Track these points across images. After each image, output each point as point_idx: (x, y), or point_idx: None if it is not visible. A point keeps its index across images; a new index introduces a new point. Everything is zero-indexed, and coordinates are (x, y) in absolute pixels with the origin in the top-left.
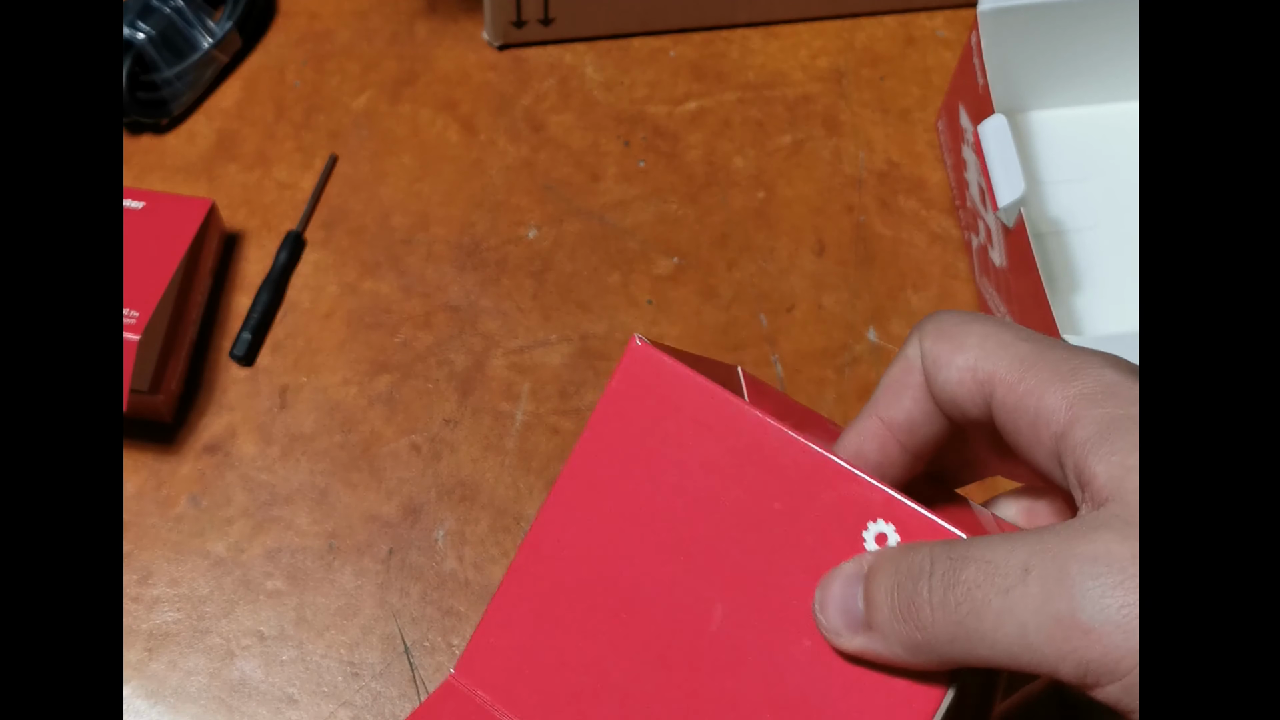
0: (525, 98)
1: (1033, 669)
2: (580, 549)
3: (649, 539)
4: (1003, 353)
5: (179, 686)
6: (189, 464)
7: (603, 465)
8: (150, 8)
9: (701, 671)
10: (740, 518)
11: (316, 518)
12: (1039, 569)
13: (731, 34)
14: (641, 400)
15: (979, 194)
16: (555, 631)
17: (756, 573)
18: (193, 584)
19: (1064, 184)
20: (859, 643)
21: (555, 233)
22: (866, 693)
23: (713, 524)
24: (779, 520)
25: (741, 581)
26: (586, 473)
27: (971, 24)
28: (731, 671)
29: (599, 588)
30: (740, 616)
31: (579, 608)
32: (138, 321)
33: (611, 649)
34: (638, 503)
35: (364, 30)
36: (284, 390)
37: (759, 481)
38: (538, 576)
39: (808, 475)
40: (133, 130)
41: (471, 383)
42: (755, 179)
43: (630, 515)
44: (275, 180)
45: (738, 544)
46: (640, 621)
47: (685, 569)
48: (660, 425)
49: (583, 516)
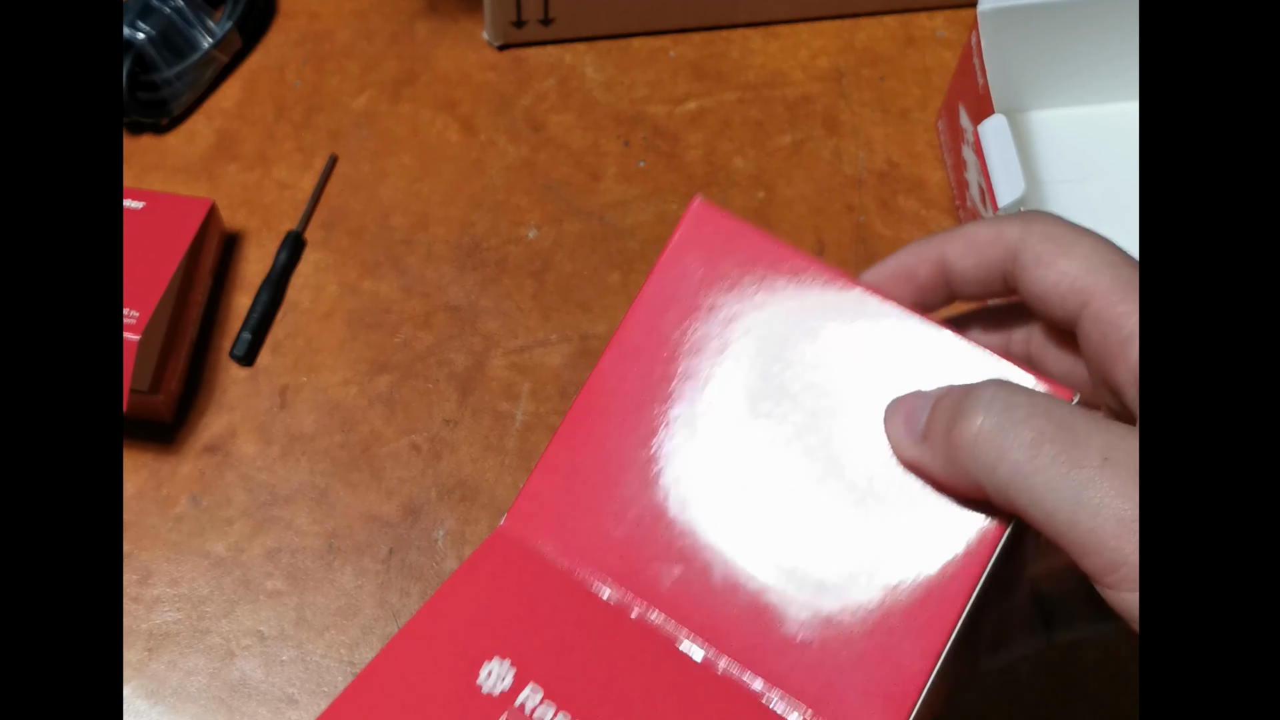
0: (525, 98)
1: (1065, 544)
2: (634, 400)
3: (709, 390)
4: (1107, 271)
5: (179, 686)
6: (189, 464)
7: (660, 317)
8: (150, 8)
9: (763, 504)
10: (811, 369)
11: (316, 518)
12: (1116, 463)
13: (731, 34)
14: (701, 255)
15: (979, 194)
16: (606, 481)
17: (825, 413)
18: (193, 584)
19: (1064, 184)
20: (916, 452)
21: (555, 233)
22: (939, 516)
23: (778, 371)
24: (853, 372)
25: (811, 423)
26: (644, 325)
27: (971, 24)
28: (796, 497)
29: (650, 438)
30: (806, 447)
31: (630, 458)
32: (138, 321)
33: (663, 496)
34: (697, 355)
35: (364, 30)
36: (284, 390)
37: (833, 338)
38: (589, 429)
39: (884, 331)
40: (133, 130)
41: (471, 383)
42: (755, 179)
43: (687, 368)
44: (275, 180)
45: (809, 389)
46: (694, 470)
47: (752, 412)
48: (720, 279)
49: (637, 369)
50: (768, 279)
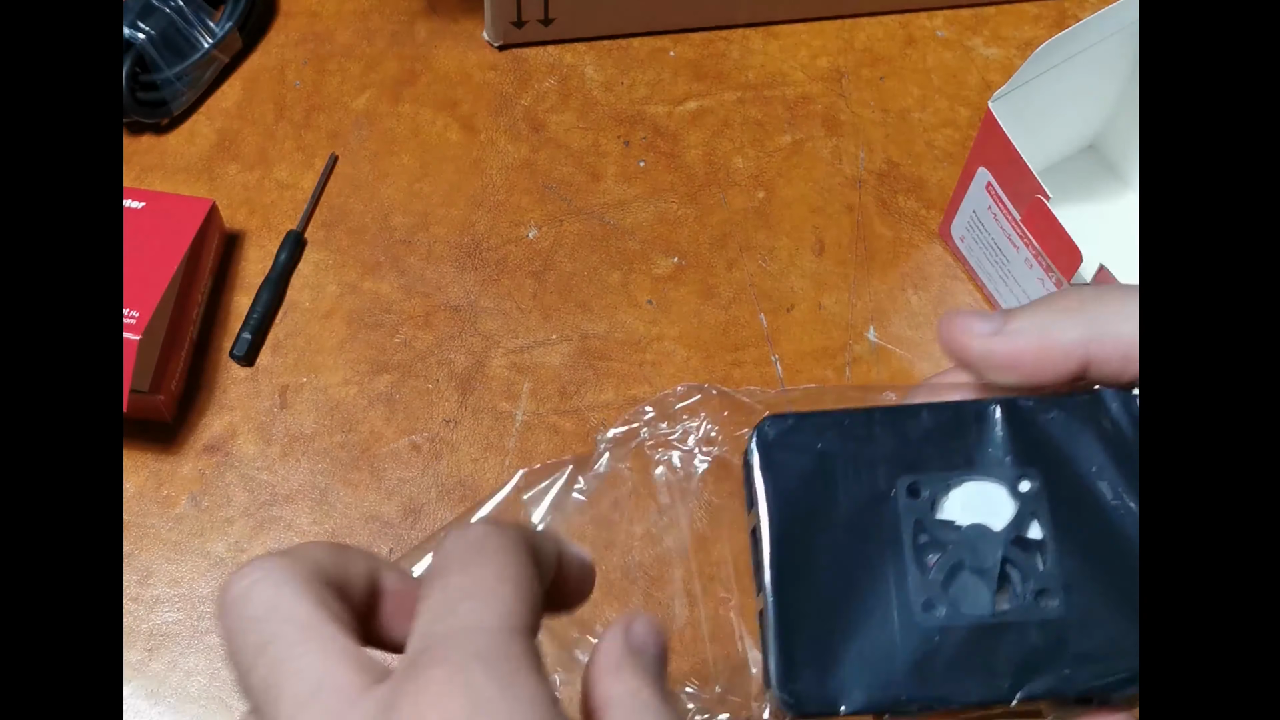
0: (525, 98)
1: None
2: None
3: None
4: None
5: (179, 686)
6: (189, 464)
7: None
8: (150, 8)
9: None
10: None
11: (317, 518)
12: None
13: (731, 34)
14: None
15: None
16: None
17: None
18: (193, 584)
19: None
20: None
21: (555, 233)
22: None
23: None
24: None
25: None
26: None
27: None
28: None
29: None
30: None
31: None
32: (138, 321)
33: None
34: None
35: (364, 30)
36: (284, 390)
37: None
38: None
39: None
40: (133, 130)
41: (471, 383)
42: (755, 179)
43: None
44: (275, 180)
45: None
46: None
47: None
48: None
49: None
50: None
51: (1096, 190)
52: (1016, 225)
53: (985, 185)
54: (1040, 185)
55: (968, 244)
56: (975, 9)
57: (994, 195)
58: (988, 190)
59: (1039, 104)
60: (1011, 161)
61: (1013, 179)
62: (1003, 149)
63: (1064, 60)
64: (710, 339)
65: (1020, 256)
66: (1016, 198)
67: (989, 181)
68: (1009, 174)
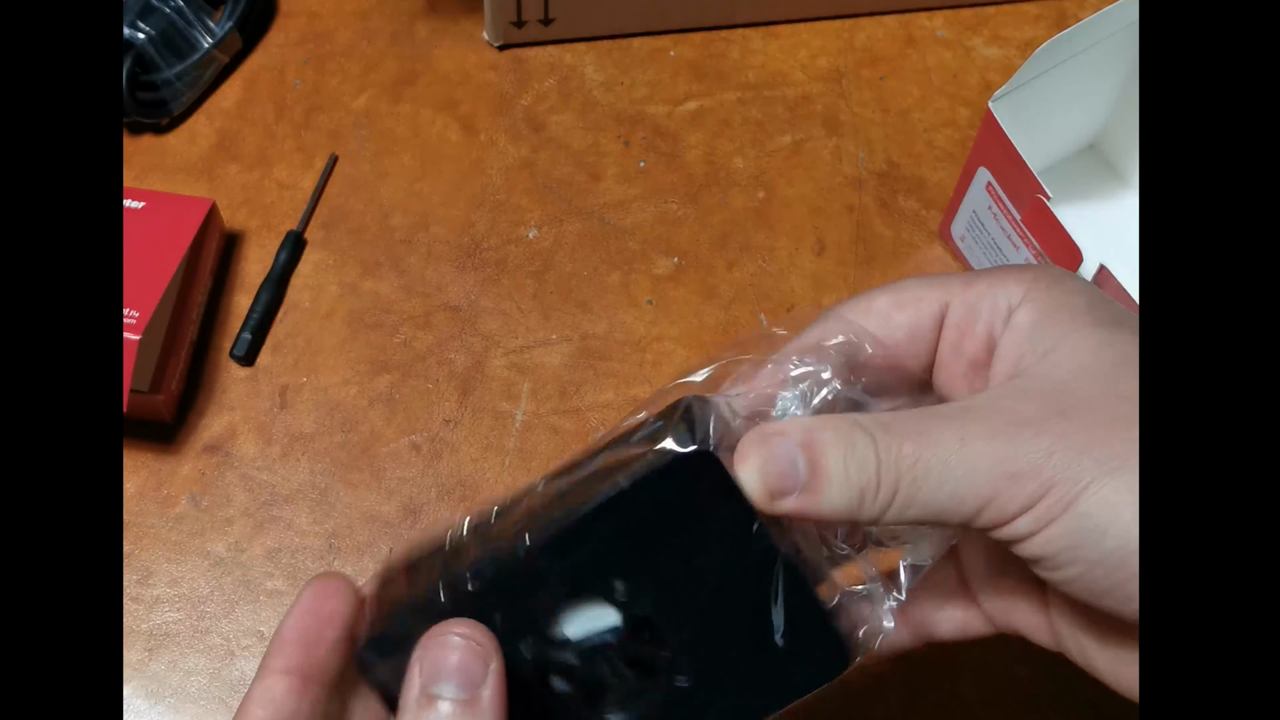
0: (525, 98)
1: (955, 520)
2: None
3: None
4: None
5: (179, 686)
6: (189, 464)
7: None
8: (150, 8)
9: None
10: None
11: (317, 517)
12: (973, 438)
13: (731, 34)
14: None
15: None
16: None
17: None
18: (193, 584)
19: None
20: (793, 503)
21: (555, 233)
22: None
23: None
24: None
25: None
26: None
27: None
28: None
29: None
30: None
31: None
32: (138, 321)
33: None
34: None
35: (364, 30)
36: (284, 390)
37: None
38: None
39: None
40: (133, 130)
41: (471, 383)
42: (755, 179)
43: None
44: (275, 180)
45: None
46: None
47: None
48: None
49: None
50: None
51: (1096, 190)
52: (1017, 225)
53: (985, 185)
54: (1040, 185)
55: (968, 244)
56: (975, 9)
57: (994, 195)
58: (988, 190)
59: (1039, 104)
60: (1012, 161)
61: (1013, 179)
62: (1003, 149)
63: (1064, 60)
64: (710, 339)
65: (1020, 256)
66: (1017, 198)
67: (989, 181)
68: (1009, 174)
